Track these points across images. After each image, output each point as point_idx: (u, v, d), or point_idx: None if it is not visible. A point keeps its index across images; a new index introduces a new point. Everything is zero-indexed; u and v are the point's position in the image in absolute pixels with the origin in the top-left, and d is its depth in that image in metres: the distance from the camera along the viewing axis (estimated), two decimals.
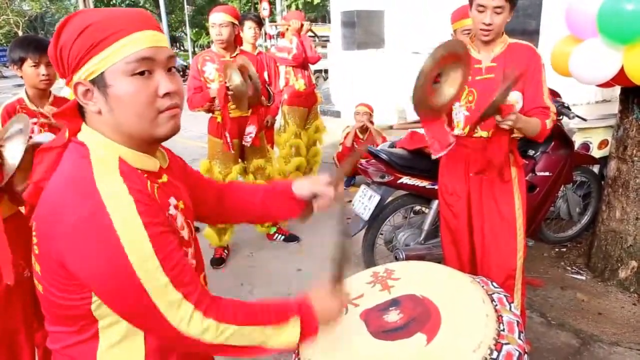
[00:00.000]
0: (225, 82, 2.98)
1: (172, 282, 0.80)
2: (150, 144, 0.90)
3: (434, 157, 2.12)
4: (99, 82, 0.81)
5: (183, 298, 0.81)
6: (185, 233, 0.96)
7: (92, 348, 0.87)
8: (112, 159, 0.83)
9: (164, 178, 0.94)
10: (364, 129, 4.91)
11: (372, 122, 4.85)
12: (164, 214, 0.87)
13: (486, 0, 1.84)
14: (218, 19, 3.08)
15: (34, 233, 0.84)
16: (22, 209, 1.77)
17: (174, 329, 0.81)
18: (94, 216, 0.75)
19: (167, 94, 0.84)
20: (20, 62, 2.14)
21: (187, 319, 0.81)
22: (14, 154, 1.57)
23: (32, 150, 1.69)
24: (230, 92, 2.99)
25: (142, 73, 0.82)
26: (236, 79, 2.92)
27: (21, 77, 2.22)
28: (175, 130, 0.88)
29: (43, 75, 2.14)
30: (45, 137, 1.88)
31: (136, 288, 0.77)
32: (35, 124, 2.16)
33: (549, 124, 1.93)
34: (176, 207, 0.94)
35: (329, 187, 1.16)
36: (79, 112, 0.89)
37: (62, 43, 0.81)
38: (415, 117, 2.17)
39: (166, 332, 0.81)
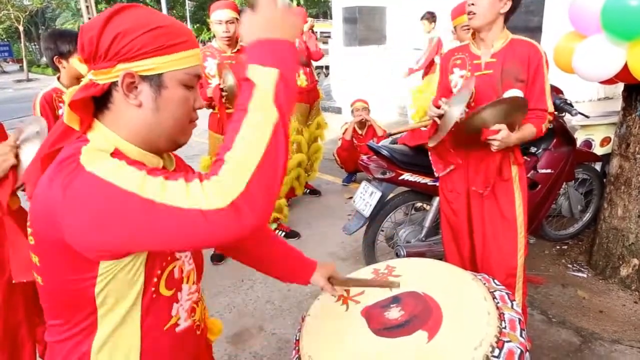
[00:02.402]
0: (219, 84, 3.00)
1: (166, 179, 0.74)
2: (161, 150, 0.92)
3: (437, 175, 2.25)
4: (154, 80, 0.84)
5: (184, 181, 0.73)
6: None
7: (89, 338, 0.87)
8: (107, 148, 0.82)
9: None
10: (362, 124, 4.93)
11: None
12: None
13: None
14: (224, 15, 3.07)
15: (28, 224, 0.84)
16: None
17: (198, 212, 0.71)
18: (83, 178, 0.74)
19: (196, 109, 0.92)
20: (68, 54, 2.31)
21: (201, 193, 0.72)
22: (29, 158, 1.55)
23: None
24: (224, 93, 3.01)
25: (190, 87, 0.88)
26: (230, 80, 2.95)
27: (57, 68, 2.38)
28: (188, 140, 0.95)
29: None
30: None
31: (138, 204, 0.72)
32: None
33: (544, 126, 1.95)
34: None
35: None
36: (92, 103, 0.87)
37: (120, 30, 0.80)
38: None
39: (198, 224, 0.71)
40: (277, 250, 1.28)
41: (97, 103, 0.86)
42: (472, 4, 1.88)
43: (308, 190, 4.75)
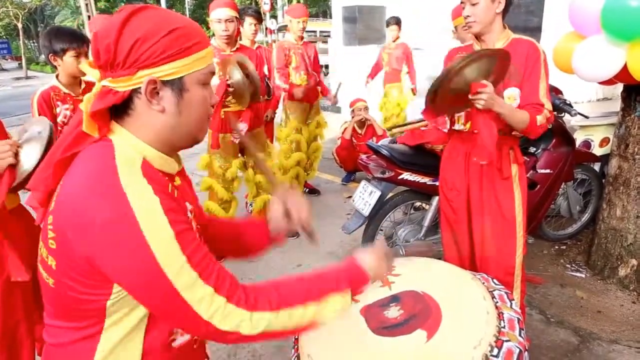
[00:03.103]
0: (226, 79, 2.97)
1: (200, 277, 0.79)
2: (180, 148, 0.93)
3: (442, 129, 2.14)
4: (175, 84, 0.84)
5: (214, 292, 0.80)
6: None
7: (91, 346, 0.86)
8: (137, 160, 0.83)
9: (177, 181, 0.95)
10: (362, 123, 4.93)
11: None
12: (186, 213, 0.88)
13: None
14: (224, 14, 3.06)
15: (50, 227, 0.82)
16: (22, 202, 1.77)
17: (207, 323, 0.80)
18: (121, 217, 0.75)
19: (212, 105, 0.94)
20: (62, 52, 2.31)
21: (220, 313, 0.80)
22: (29, 159, 1.53)
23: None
24: (231, 89, 2.99)
25: (207, 84, 0.90)
26: (237, 75, 2.91)
27: (55, 66, 2.40)
28: (205, 135, 0.97)
29: None
30: None
31: (165, 286, 0.77)
32: (67, 109, 2.40)
33: (540, 120, 1.89)
34: (191, 211, 0.94)
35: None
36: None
37: (139, 35, 0.79)
38: (414, 115, 2.18)
39: (201, 328, 0.81)
40: (228, 233, 1.20)
41: (116, 109, 0.85)
42: (469, 15, 1.90)
43: (307, 190, 4.75)
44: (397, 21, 5.64)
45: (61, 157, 0.85)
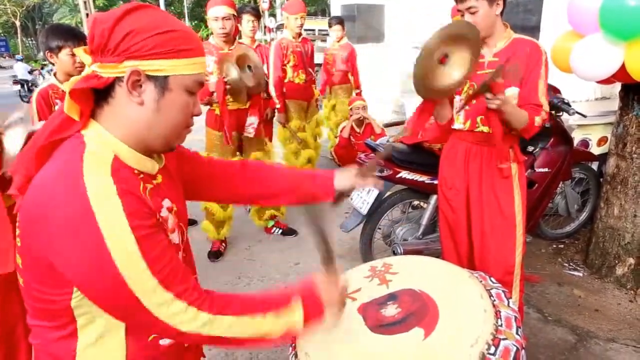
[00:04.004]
0: (223, 77, 2.97)
1: (161, 284, 0.79)
2: (153, 151, 0.92)
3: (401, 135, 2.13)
4: (159, 81, 0.84)
5: (174, 297, 0.80)
6: (175, 236, 0.95)
7: (71, 345, 0.86)
8: (106, 157, 0.82)
9: (159, 179, 0.94)
10: (360, 122, 4.93)
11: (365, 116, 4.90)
12: (155, 216, 0.86)
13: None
14: (221, 12, 3.05)
15: (17, 224, 0.82)
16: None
17: (168, 326, 0.81)
18: (80, 217, 0.75)
19: (194, 115, 0.94)
20: (57, 49, 2.32)
21: (180, 316, 0.81)
22: (14, 143, 1.55)
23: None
24: (228, 86, 2.98)
25: (193, 93, 0.90)
26: (233, 73, 2.91)
27: (52, 63, 2.41)
28: (181, 143, 0.99)
29: (79, 62, 2.37)
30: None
31: (123, 290, 0.77)
32: None
33: (537, 120, 1.90)
34: (169, 209, 0.93)
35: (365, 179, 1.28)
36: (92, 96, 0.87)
37: (134, 27, 0.81)
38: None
39: (162, 330, 0.82)
40: (283, 183, 1.25)
41: (97, 97, 0.86)
42: None
43: None
44: (340, 21, 5.43)
45: (44, 142, 0.84)
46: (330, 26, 5.49)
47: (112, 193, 0.77)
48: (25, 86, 15.15)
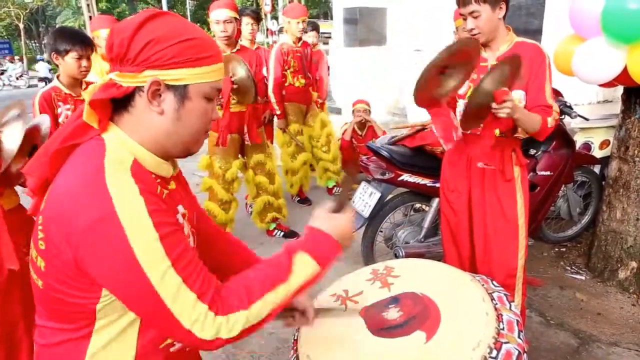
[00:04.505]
0: (230, 76, 2.96)
1: (185, 282, 0.79)
2: (172, 156, 0.93)
3: (445, 148, 2.22)
4: (179, 90, 0.85)
5: (197, 299, 0.79)
6: (190, 242, 0.95)
7: (82, 347, 0.86)
8: (127, 159, 0.83)
9: (172, 185, 0.95)
10: (362, 125, 4.93)
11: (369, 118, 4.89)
12: (175, 215, 0.87)
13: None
14: (222, 15, 3.05)
15: (39, 228, 0.82)
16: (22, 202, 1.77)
17: (188, 332, 0.80)
18: (105, 219, 0.75)
19: (212, 121, 0.94)
20: (65, 52, 2.35)
21: (200, 322, 0.80)
22: (12, 139, 1.57)
23: (30, 134, 1.69)
24: (235, 86, 2.97)
25: (211, 99, 0.90)
26: (241, 72, 2.89)
27: (57, 65, 2.44)
28: (199, 149, 0.98)
29: (84, 67, 2.41)
30: (44, 120, 1.88)
31: (148, 290, 0.77)
32: (68, 109, 2.44)
33: (550, 121, 1.91)
34: (183, 215, 0.94)
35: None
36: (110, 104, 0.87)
37: (153, 37, 0.81)
38: (414, 116, 2.19)
39: (181, 335, 0.81)
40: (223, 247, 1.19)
41: (116, 104, 0.86)
42: (473, 28, 1.89)
43: (298, 199, 4.67)
44: (315, 27, 5.05)
45: (59, 147, 0.85)
46: (305, 32, 5.19)
47: (134, 192, 0.78)
48: (46, 83, 15.83)
